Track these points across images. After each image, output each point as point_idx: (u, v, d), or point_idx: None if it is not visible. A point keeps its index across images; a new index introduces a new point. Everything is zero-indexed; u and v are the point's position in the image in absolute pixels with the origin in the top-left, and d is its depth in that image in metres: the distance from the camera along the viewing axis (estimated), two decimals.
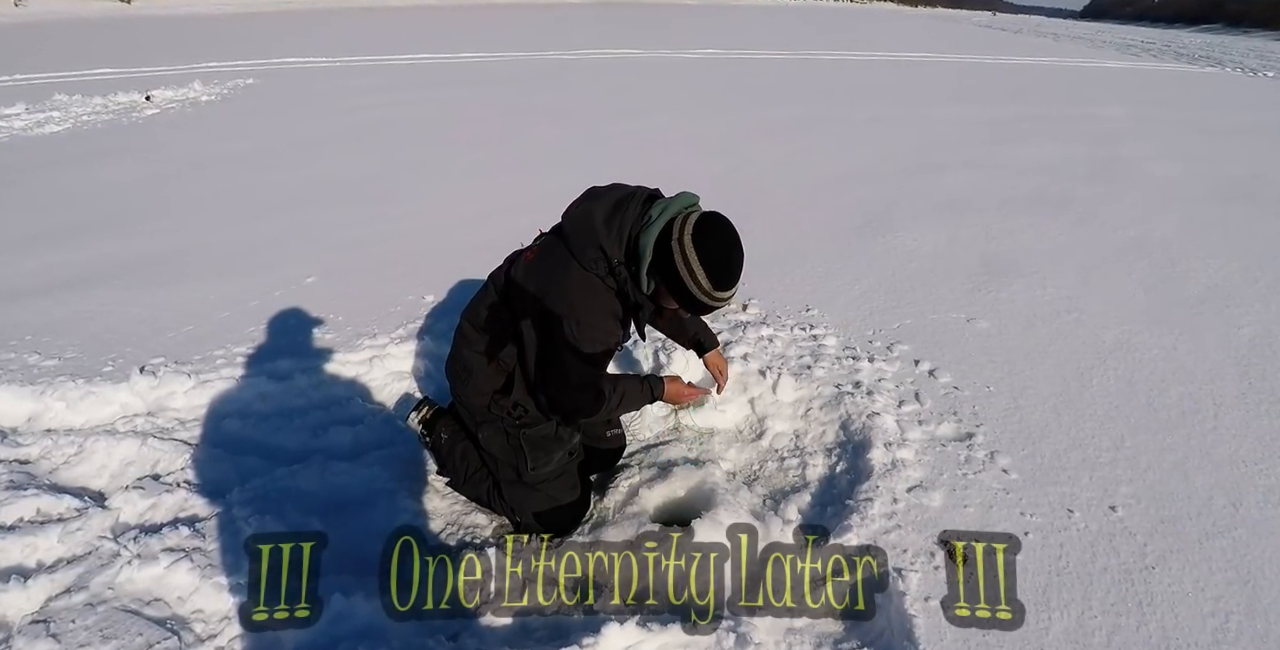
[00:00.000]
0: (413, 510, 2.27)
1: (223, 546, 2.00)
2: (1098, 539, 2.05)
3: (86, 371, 2.82)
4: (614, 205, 1.82)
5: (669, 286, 1.80)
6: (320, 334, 3.17)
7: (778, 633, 1.78)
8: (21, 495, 2.16)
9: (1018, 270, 3.97)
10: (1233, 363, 3.03)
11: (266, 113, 9.02)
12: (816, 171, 6.24)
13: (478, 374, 2.08)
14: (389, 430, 2.66)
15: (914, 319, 3.35)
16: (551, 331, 1.86)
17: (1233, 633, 1.76)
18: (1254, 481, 2.31)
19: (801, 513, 2.21)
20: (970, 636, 1.70)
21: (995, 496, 2.21)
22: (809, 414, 2.69)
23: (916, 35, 25.21)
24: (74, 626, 1.74)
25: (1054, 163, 6.60)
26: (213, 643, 1.77)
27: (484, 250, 2.48)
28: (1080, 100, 10.75)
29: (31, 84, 10.68)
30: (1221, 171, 6.41)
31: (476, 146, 7.25)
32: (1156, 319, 3.41)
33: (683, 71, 13.78)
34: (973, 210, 5.07)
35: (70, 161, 6.38)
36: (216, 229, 4.63)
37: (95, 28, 21.88)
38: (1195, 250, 4.32)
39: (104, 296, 3.51)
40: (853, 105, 9.84)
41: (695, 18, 28.64)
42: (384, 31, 21.95)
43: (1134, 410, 2.68)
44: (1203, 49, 22.59)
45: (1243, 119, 9.34)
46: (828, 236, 4.51)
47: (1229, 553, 2.01)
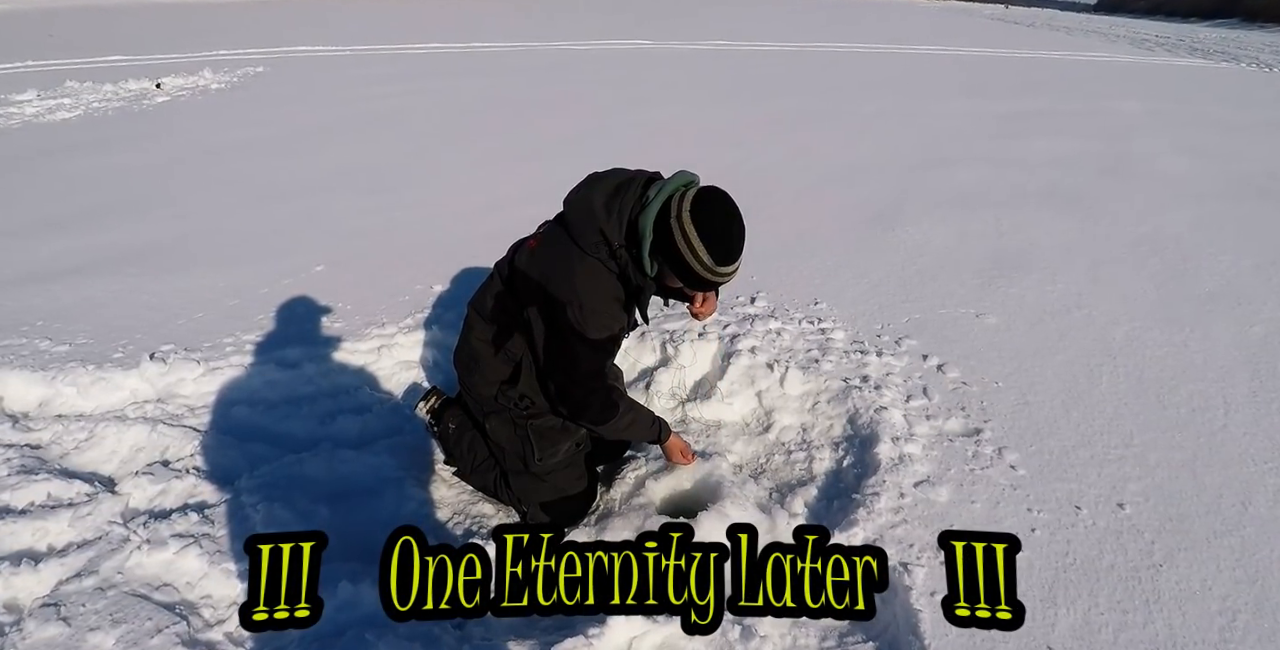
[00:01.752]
0: (419, 499, 2.28)
1: (231, 533, 2.02)
2: (1105, 536, 2.05)
3: (97, 357, 2.84)
4: (614, 189, 1.82)
5: (671, 265, 1.78)
6: (329, 322, 3.18)
7: (782, 626, 1.78)
8: (32, 480, 2.18)
9: (1028, 266, 3.94)
10: (1243, 361, 3.01)
11: (277, 101, 9.01)
12: (826, 164, 6.21)
13: (484, 364, 2.08)
14: (397, 419, 2.67)
15: (923, 314, 3.34)
16: (556, 318, 1.86)
17: (1240, 631, 1.76)
18: (1263, 480, 2.30)
19: (808, 506, 2.21)
20: (975, 631, 1.71)
21: (1002, 492, 2.20)
22: (816, 407, 2.68)
23: (927, 28, 25.00)
24: (84, 610, 1.76)
25: (1066, 158, 6.55)
26: (221, 628, 1.79)
27: (493, 240, 2.47)
28: (1093, 95, 10.64)
29: (43, 70, 10.70)
30: (1235, 168, 6.34)
31: (486, 136, 7.23)
32: (1167, 316, 3.38)
33: (692, 62, 13.70)
34: (983, 205, 5.04)
35: (81, 148, 6.39)
36: (226, 216, 4.65)
37: (107, 14, 21.90)
38: (1207, 247, 4.29)
39: (115, 283, 3.53)
40: (863, 98, 9.77)
41: (705, 9, 28.46)
42: (394, 20, 21.90)
43: (1143, 407, 2.67)
44: (1218, 44, 22.33)
45: (1258, 115, 9.24)
46: (837, 230, 4.49)
47: (1237, 551, 2.01)
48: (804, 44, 17.45)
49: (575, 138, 7.10)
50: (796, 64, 13.93)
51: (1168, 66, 15.55)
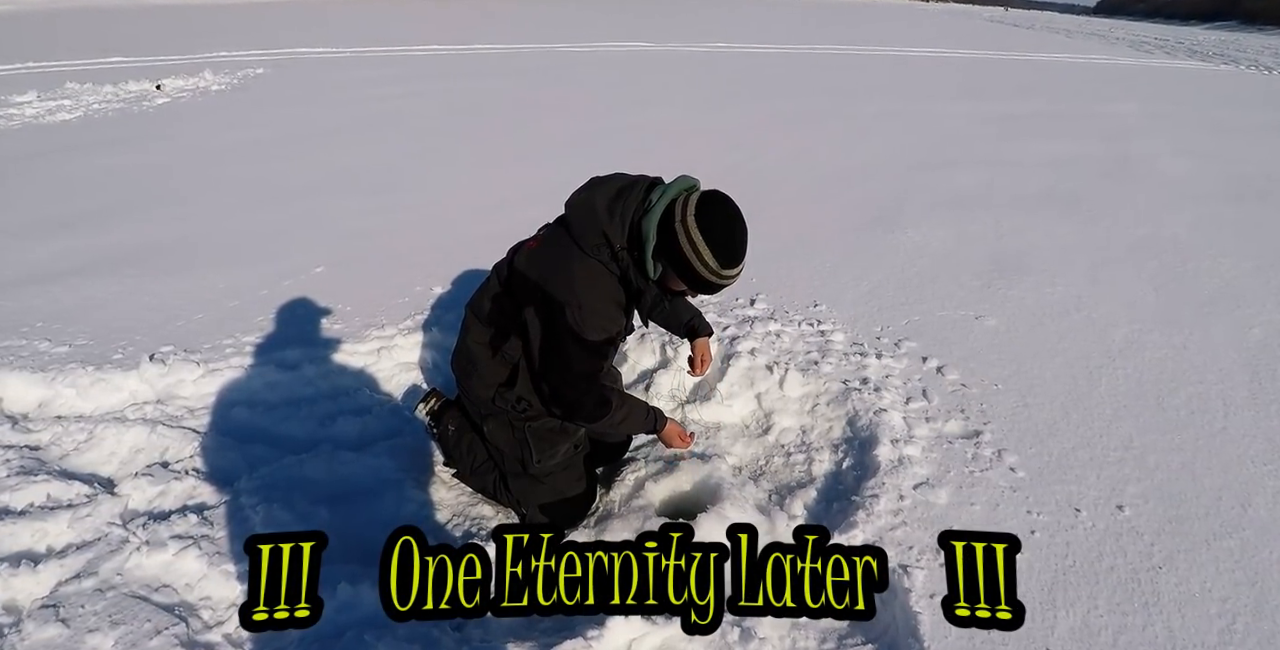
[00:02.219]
0: (419, 501, 2.28)
1: (230, 534, 2.02)
2: (1105, 538, 2.05)
3: (97, 359, 2.84)
4: (616, 192, 1.83)
5: (675, 268, 1.79)
6: (329, 324, 3.18)
7: (782, 628, 1.78)
8: (32, 481, 2.18)
9: (1027, 268, 3.95)
10: (1243, 363, 3.02)
11: (277, 102, 9.02)
12: (825, 166, 6.21)
13: (482, 366, 2.08)
14: (396, 420, 2.67)
15: (922, 316, 3.34)
16: (554, 318, 1.86)
17: (1239, 634, 1.76)
18: (1263, 482, 2.30)
19: (807, 508, 2.21)
20: (974, 633, 1.70)
21: (1002, 494, 2.20)
22: (816, 410, 2.68)
23: (927, 30, 25.04)
24: (83, 611, 1.76)
25: (1065, 160, 6.56)
26: (220, 629, 1.78)
27: (493, 242, 2.47)
28: (1092, 97, 10.66)
29: (43, 72, 10.70)
30: (1234, 170, 6.35)
31: (486, 138, 7.24)
32: (1166, 318, 3.39)
33: (691, 65, 13.71)
34: (982, 207, 5.05)
35: (81, 149, 6.39)
36: (226, 218, 4.65)
37: (107, 16, 21.91)
38: (1206, 249, 4.29)
39: (114, 284, 3.53)
40: (862, 100, 9.78)
41: (704, 11, 28.50)
42: (394, 22, 21.92)
43: (1143, 410, 2.67)
44: (1217, 46, 22.38)
45: (1257, 118, 9.26)
46: (836, 232, 4.50)
47: (1237, 553, 2.01)
48: (803, 46, 17.47)
49: (575, 139, 7.11)
50: (796, 66, 13.95)
51: (1167, 69, 15.58)
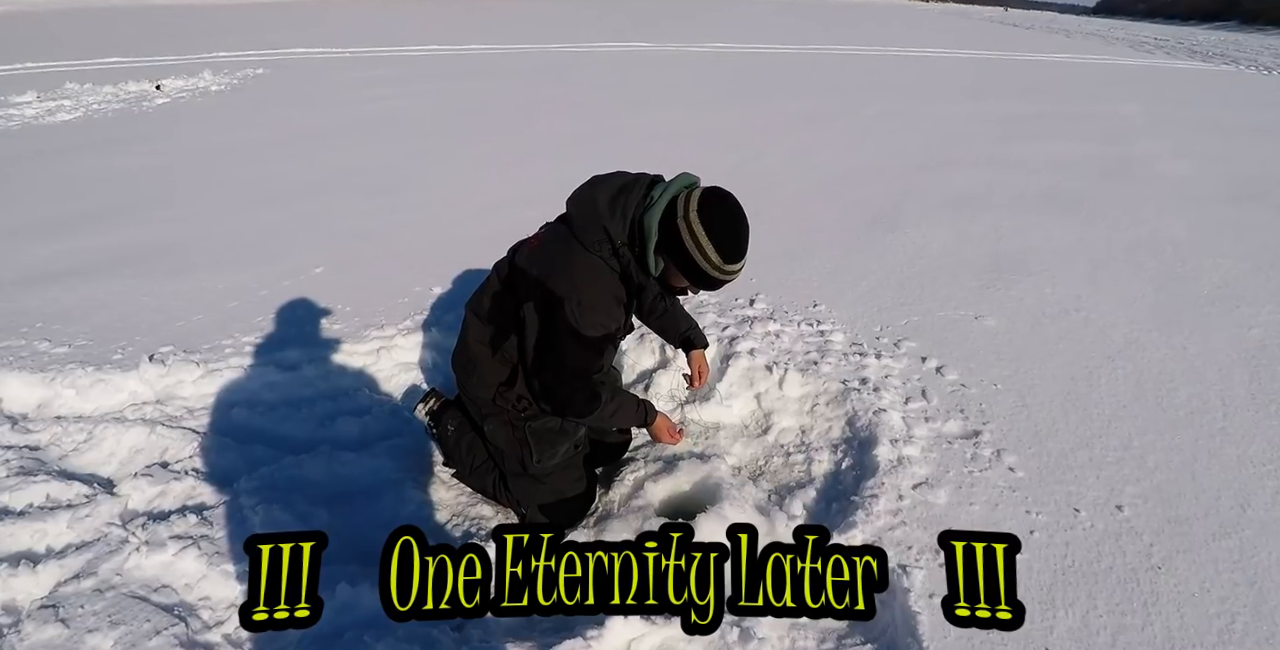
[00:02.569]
0: (419, 501, 2.28)
1: (230, 534, 2.02)
2: (1104, 538, 2.04)
3: (96, 359, 2.84)
4: (618, 189, 1.84)
5: (678, 264, 1.81)
6: (328, 324, 3.18)
7: (781, 628, 1.78)
8: (31, 481, 2.18)
9: (1027, 268, 3.95)
10: (1242, 363, 3.02)
11: (277, 103, 9.02)
12: (826, 167, 6.22)
13: (482, 366, 2.08)
14: (396, 421, 2.67)
15: (922, 316, 3.34)
16: (553, 314, 1.87)
17: (1238, 634, 1.76)
18: (1262, 482, 2.29)
19: (806, 508, 2.21)
20: (974, 634, 1.70)
21: (1001, 494, 2.20)
22: (815, 410, 2.68)
23: (927, 31, 25.05)
24: (82, 612, 1.76)
25: (1065, 160, 6.56)
26: (219, 630, 1.79)
27: (492, 242, 2.48)
28: (1093, 98, 10.66)
29: (43, 72, 10.70)
30: (1234, 171, 6.35)
31: (485, 138, 7.24)
32: (1166, 318, 3.39)
33: (690, 65, 13.72)
34: (982, 207, 5.05)
35: (81, 150, 6.39)
36: (226, 218, 4.65)
37: (107, 16, 21.92)
38: (1206, 250, 4.29)
39: (114, 284, 3.53)
40: (862, 101, 9.79)
41: (703, 12, 28.51)
42: (393, 23, 21.93)
43: (1142, 410, 2.67)
44: (1217, 46, 22.38)
45: (1257, 118, 9.26)
46: (836, 232, 4.50)
47: (1236, 554, 2.00)
48: (803, 47, 17.48)
49: (574, 140, 7.11)
50: (796, 66, 13.95)
51: (1167, 69, 15.58)
